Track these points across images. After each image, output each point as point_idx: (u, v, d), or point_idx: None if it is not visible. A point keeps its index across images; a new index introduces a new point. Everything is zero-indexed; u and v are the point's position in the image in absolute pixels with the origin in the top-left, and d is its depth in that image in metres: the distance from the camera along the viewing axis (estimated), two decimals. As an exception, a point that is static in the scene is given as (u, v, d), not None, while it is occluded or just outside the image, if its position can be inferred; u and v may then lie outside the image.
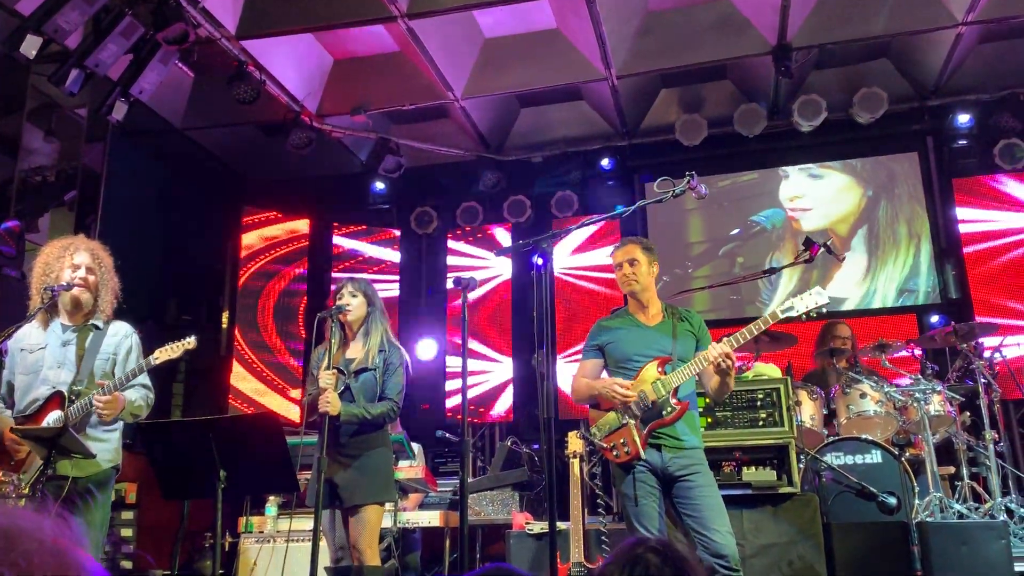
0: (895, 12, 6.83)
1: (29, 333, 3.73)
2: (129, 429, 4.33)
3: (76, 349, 3.70)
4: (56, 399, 3.61)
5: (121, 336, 3.82)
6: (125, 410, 3.65)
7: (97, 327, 3.77)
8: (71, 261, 3.72)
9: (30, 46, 5.66)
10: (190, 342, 3.71)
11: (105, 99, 6.36)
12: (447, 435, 6.89)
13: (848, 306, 8.07)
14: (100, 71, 6.09)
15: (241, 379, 8.09)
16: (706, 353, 3.54)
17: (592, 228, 8.35)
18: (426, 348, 8.72)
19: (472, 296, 6.61)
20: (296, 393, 8.17)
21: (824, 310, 3.48)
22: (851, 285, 8.13)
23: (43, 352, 3.68)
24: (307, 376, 4.33)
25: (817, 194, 8.39)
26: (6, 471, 3.43)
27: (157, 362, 3.65)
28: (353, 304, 4.17)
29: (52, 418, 3.58)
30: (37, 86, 6.94)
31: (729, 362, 3.48)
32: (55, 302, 3.70)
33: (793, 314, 3.55)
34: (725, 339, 3.55)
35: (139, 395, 3.72)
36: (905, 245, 8.09)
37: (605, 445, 3.68)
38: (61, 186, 8.04)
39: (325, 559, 4.14)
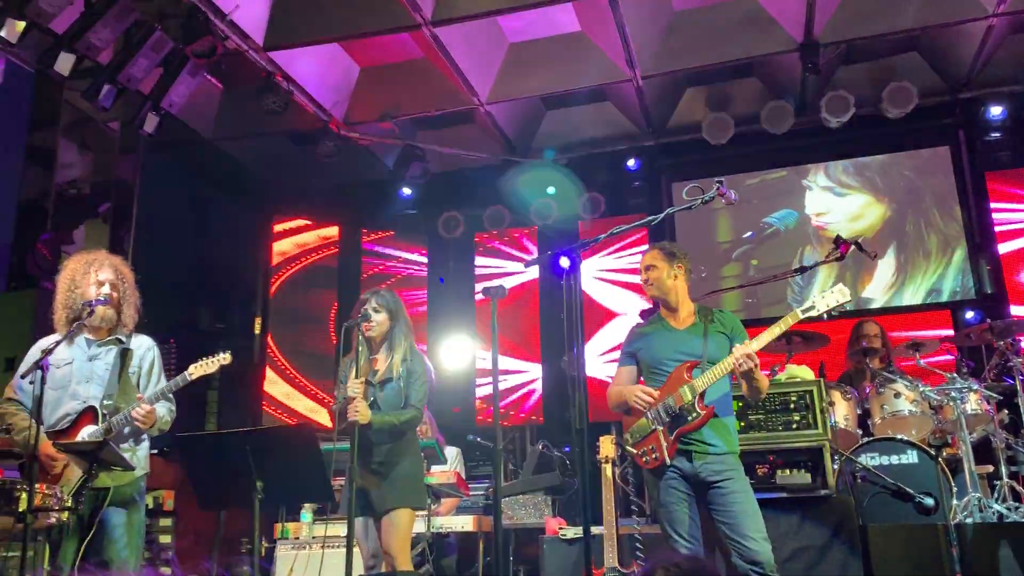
0: (924, 5, 6.74)
1: (57, 348, 3.80)
2: (167, 439, 4.40)
3: (107, 365, 3.75)
4: (89, 414, 3.67)
5: (144, 349, 3.90)
6: (155, 425, 3.72)
7: (121, 341, 3.83)
8: (96, 278, 3.78)
9: (64, 63, 5.78)
10: (225, 358, 3.77)
11: (137, 112, 6.48)
12: (478, 439, 6.91)
13: (875, 306, 8.00)
14: (131, 85, 6.21)
15: (274, 385, 8.18)
16: (729, 357, 3.52)
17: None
18: (455, 352, 8.75)
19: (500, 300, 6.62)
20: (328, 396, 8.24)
21: (848, 307, 3.44)
22: (879, 289, 8.06)
23: (70, 368, 3.74)
24: (336, 385, 4.38)
25: (841, 209, 8.34)
26: (48, 485, 3.49)
27: (192, 377, 3.71)
28: (376, 319, 4.20)
29: (87, 432, 3.64)
30: (71, 101, 7.09)
31: (750, 364, 3.44)
32: (89, 316, 3.75)
33: (814, 314, 3.50)
34: (747, 342, 3.53)
35: (165, 409, 3.80)
36: (936, 255, 8.01)
37: (635, 451, 3.68)
38: (95, 198, 8.20)
39: (359, 567, 4.17)
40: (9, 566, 3.98)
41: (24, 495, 3.48)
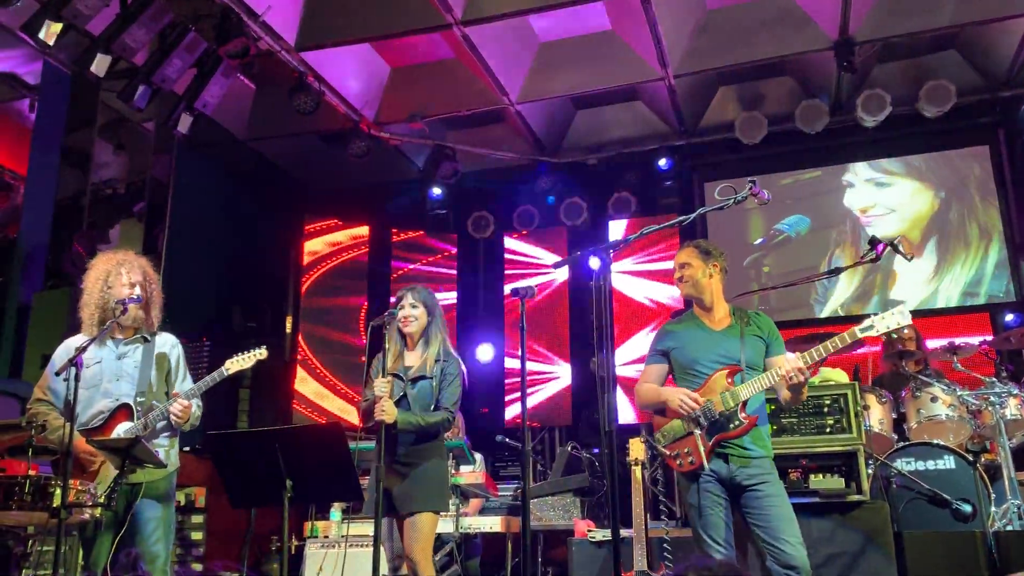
0: (963, 1, 6.61)
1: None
2: (198, 436, 4.43)
3: (135, 362, 3.80)
4: (124, 411, 3.71)
5: (169, 346, 3.94)
6: (188, 421, 3.76)
7: (146, 339, 3.88)
8: (128, 279, 3.83)
9: (100, 64, 5.86)
10: (262, 352, 3.80)
11: (171, 113, 6.55)
12: (507, 440, 6.90)
13: (909, 307, 7.86)
14: (166, 86, 6.27)
15: (305, 383, 8.23)
16: (779, 369, 3.45)
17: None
18: (484, 352, 8.75)
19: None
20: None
21: (906, 331, 3.39)
22: (915, 286, 7.93)
23: (99, 367, 3.78)
24: (366, 383, 4.34)
25: (888, 201, 8.21)
26: (82, 480, 3.53)
27: (229, 372, 3.74)
28: (414, 315, 4.17)
29: (122, 429, 3.68)
30: (107, 102, 7.19)
31: (802, 377, 3.39)
32: (122, 315, 3.80)
33: (873, 333, 3.46)
34: (798, 354, 3.46)
35: (195, 406, 3.83)
36: (975, 247, 7.86)
37: (668, 453, 3.61)
38: (130, 198, 8.33)
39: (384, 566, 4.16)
40: (44, 561, 4.04)
41: (58, 491, 3.53)
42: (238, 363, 3.82)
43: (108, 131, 7.99)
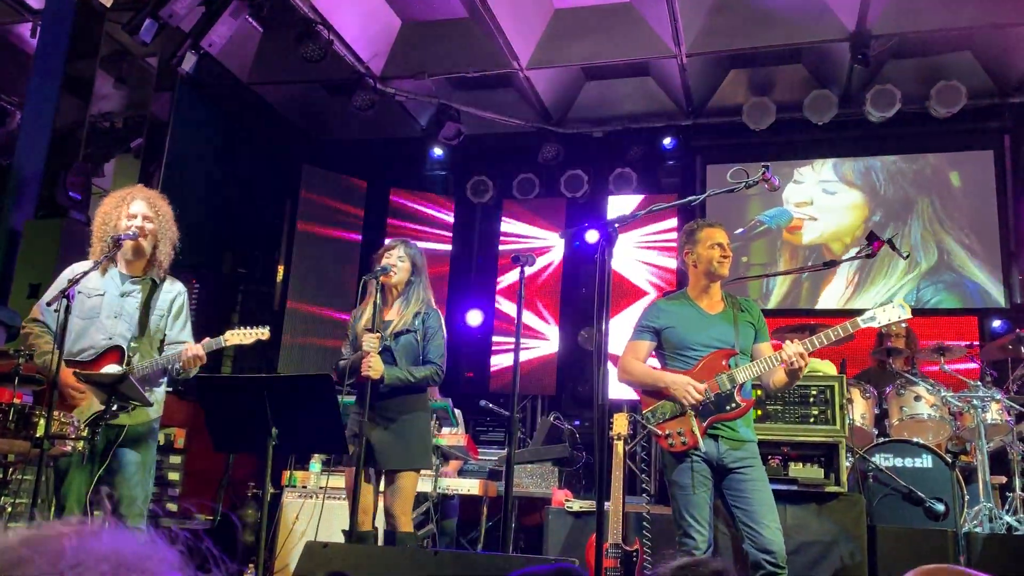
0: (984, 3, 6.56)
1: (88, 276, 3.80)
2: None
3: (137, 303, 3.74)
4: (115, 352, 3.66)
5: (175, 294, 3.88)
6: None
7: (155, 282, 3.82)
8: (127, 211, 3.76)
9: (107, -7, 5.74)
10: (264, 332, 3.74)
11: (176, 50, 6.42)
12: (491, 405, 6.91)
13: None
14: (173, 22, 6.14)
15: (292, 333, 8.18)
16: (779, 352, 3.47)
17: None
18: (473, 317, 8.75)
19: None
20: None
21: (904, 325, 3.43)
22: (832, 300, 8.02)
23: (101, 299, 3.72)
24: (346, 340, 4.31)
25: (823, 204, 8.25)
26: (65, 413, 3.51)
27: (226, 343, 3.66)
28: (399, 267, 4.15)
29: (109, 370, 3.64)
30: (111, 33, 7.04)
31: (803, 362, 3.42)
32: (116, 250, 3.74)
33: (875, 324, 3.54)
34: (798, 340, 3.48)
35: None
36: (898, 277, 7.90)
37: (660, 432, 3.61)
38: (128, 132, 8.21)
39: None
40: (22, 490, 4.03)
41: (42, 421, 3.50)
42: (238, 336, 3.74)
43: (109, 63, 7.84)
